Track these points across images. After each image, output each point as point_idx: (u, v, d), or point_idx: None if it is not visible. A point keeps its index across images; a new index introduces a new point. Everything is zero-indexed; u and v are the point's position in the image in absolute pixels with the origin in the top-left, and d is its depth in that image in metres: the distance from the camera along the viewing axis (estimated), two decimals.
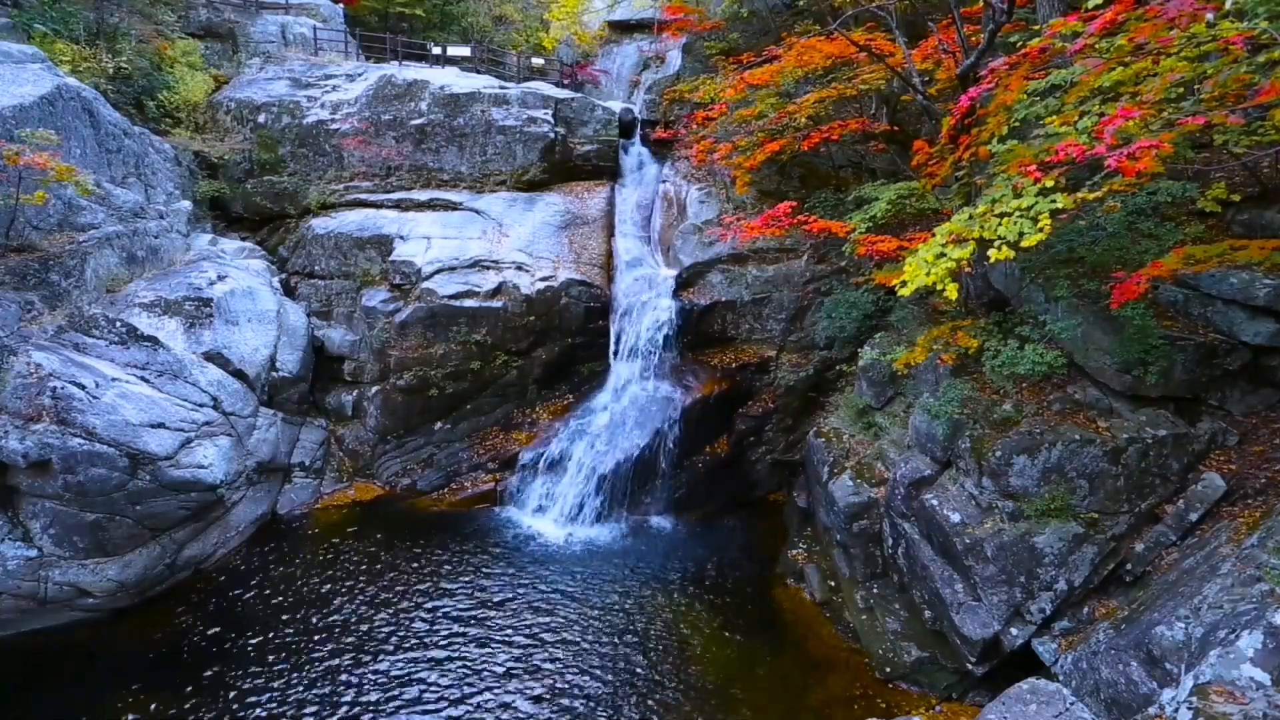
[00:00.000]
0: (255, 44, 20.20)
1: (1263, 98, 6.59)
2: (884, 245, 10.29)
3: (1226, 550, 7.16)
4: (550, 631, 10.24)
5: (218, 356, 12.64)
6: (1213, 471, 8.17)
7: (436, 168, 17.37)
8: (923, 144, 11.26)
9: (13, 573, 9.91)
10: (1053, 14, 10.10)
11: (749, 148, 14.22)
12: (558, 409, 15.05)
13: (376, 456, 14.63)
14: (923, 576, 9.53)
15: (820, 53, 13.45)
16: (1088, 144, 6.66)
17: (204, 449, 11.20)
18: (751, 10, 18.76)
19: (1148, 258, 8.42)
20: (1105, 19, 7.32)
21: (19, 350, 10.46)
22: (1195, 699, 5.46)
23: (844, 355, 13.59)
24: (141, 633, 10.04)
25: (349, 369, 15.24)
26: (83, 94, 13.22)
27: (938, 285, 7.49)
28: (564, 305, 14.81)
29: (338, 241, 15.92)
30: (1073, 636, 8.07)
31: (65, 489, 9.98)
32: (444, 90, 17.26)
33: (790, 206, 11.78)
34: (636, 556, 12.46)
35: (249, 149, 17.16)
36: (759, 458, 14.39)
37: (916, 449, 10.24)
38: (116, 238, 12.67)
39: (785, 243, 14.45)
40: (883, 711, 8.98)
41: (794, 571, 11.88)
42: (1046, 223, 6.95)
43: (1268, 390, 8.51)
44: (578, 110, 17.68)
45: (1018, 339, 9.40)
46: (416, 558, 11.92)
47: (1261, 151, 7.96)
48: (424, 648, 9.82)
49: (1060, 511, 8.38)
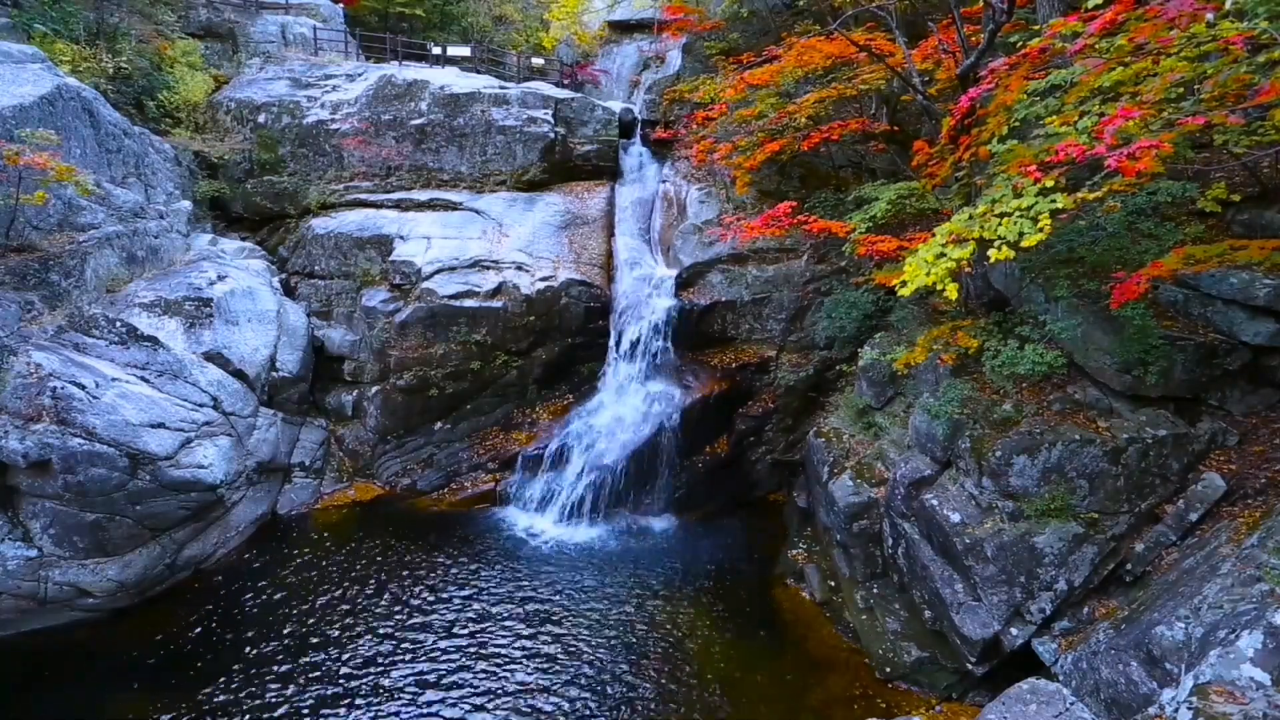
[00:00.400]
0: (255, 44, 20.21)
1: (1263, 98, 6.59)
2: (884, 245, 10.29)
3: (1226, 550, 7.16)
4: (550, 630, 10.25)
5: (218, 356, 12.64)
6: (1213, 471, 8.17)
7: (436, 168, 17.37)
8: (923, 144, 11.26)
9: (13, 573, 9.92)
10: (1053, 14, 10.10)
11: (749, 148, 14.22)
12: (558, 409, 15.05)
13: (376, 456, 14.64)
14: (923, 576, 9.53)
15: (820, 53, 13.45)
16: (1088, 144, 6.66)
17: (204, 449, 11.21)
18: (751, 10, 18.76)
19: (1148, 258, 8.42)
20: (1105, 19, 7.32)
21: (19, 350, 10.47)
22: (1195, 699, 5.46)
23: (844, 355, 13.59)
24: (141, 633, 10.04)
25: (349, 369, 15.24)
26: (83, 94, 13.22)
27: (938, 285, 7.49)
28: (564, 305, 14.81)
29: (338, 241, 15.92)
30: (1073, 636, 8.06)
31: (65, 489, 9.99)
32: (444, 90, 17.26)
33: (790, 206, 11.78)
34: (636, 556, 12.46)
35: (249, 149, 17.16)
36: (759, 458, 14.39)
37: (916, 449, 10.24)
38: (116, 238, 12.67)
39: (785, 243, 14.45)
40: (883, 711, 8.98)
41: (794, 571, 11.88)
42: (1046, 223, 6.95)
43: (1268, 390, 8.51)
44: (578, 110, 17.68)
45: (1018, 339, 9.40)
46: (417, 558, 11.93)
47: (1261, 151, 7.96)
48: (424, 648, 9.81)
49: (1060, 511, 8.38)
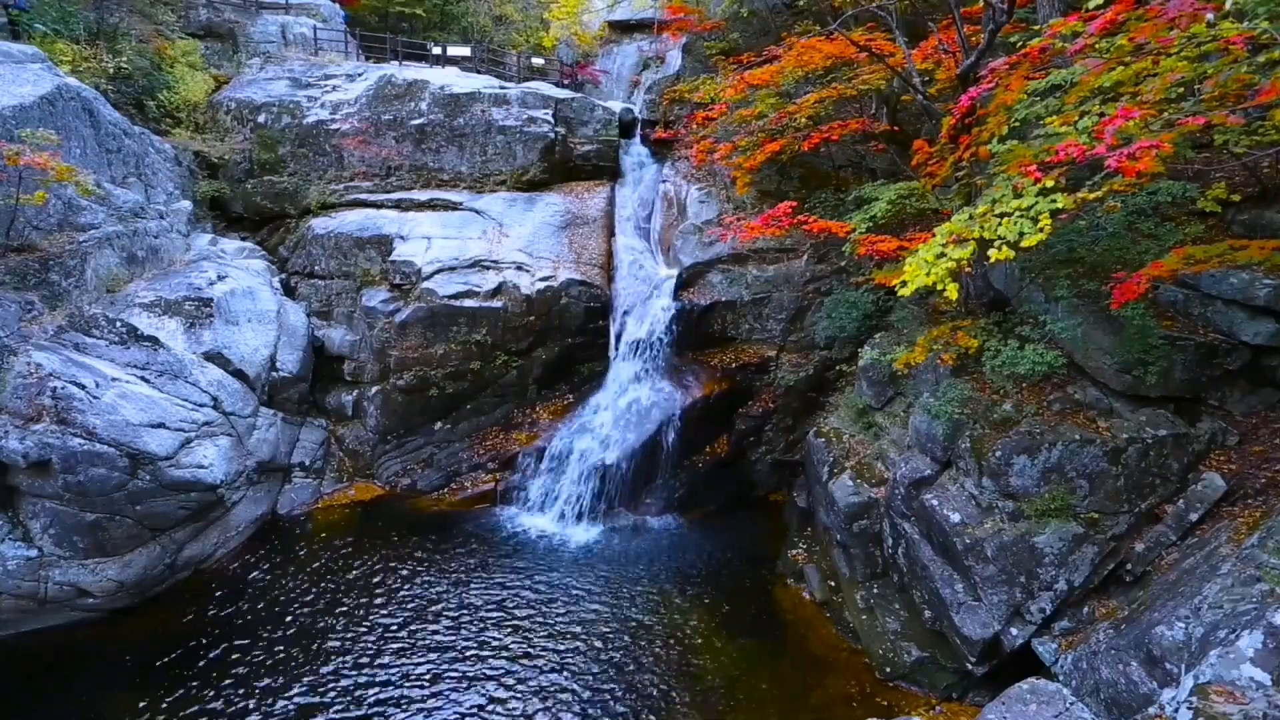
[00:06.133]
0: (255, 44, 20.21)
1: (1263, 98, 6.59)
2: (884, 245, 10.28)
3: (1226, 550, 7.16)
4: (549, 629, 10.25)
5: (218, 356, 12.65)
6: (1213, 471, 8.17)
7: (436, 168, 17.37)
8: (923, 144, 11.25)
9: (13, 573, 9.92)
10: (1053, 14, 10.10)
11: (749, 148, 14.20)
12: (558, 409, 15.05)
13: (376, 456, 14.64)
14: (923, 576, 9.53)
15: (820, 53, 13.44)
16: (1088, 144, 6.65)
17: (204, 449, 11.21)
18: (751, 10, 18.75)
19: (1148, 258, 8.41)
20: (1105, 19, 7.32)
21: (19, 350, 10.47)
22: (1195, 699, 5.46)
23: (844, 355, 13.59)
24: (141, 633, 10.04)
25: (349, 369, 15.25)
26: (83, 94, 13.23)
27: (938, 285, 7.48)
28: (564, 305, 14.81)
29: (338, 241, 15.92)
30: (1073, 636, 8.06)
31: (65, 489, 9.99)
32: (444, 90, 17.26)
33: (790, 206, 11.77)
34: (636, 556, 12.47)
35: (249, 149, 17.17)
36: (759, 458, 14.39)
37: (916, 449, 10.24)
38: (116, 238, 12.67)
39: (785, 243, 14.44)
40: (883, 711, 8.98)
41: (794, 571, 11.88)
42: (1047, 223, 6.95)
43: (1268, 390, 8.50)
44: (578, 110, 17.68)
45: (1018, 339, 9.40)
46: (417, 558, 11.93)
47: (1261, 151, 7.95)
48: (424, 647, 9.82)
49: (1060, 511, 8.37)
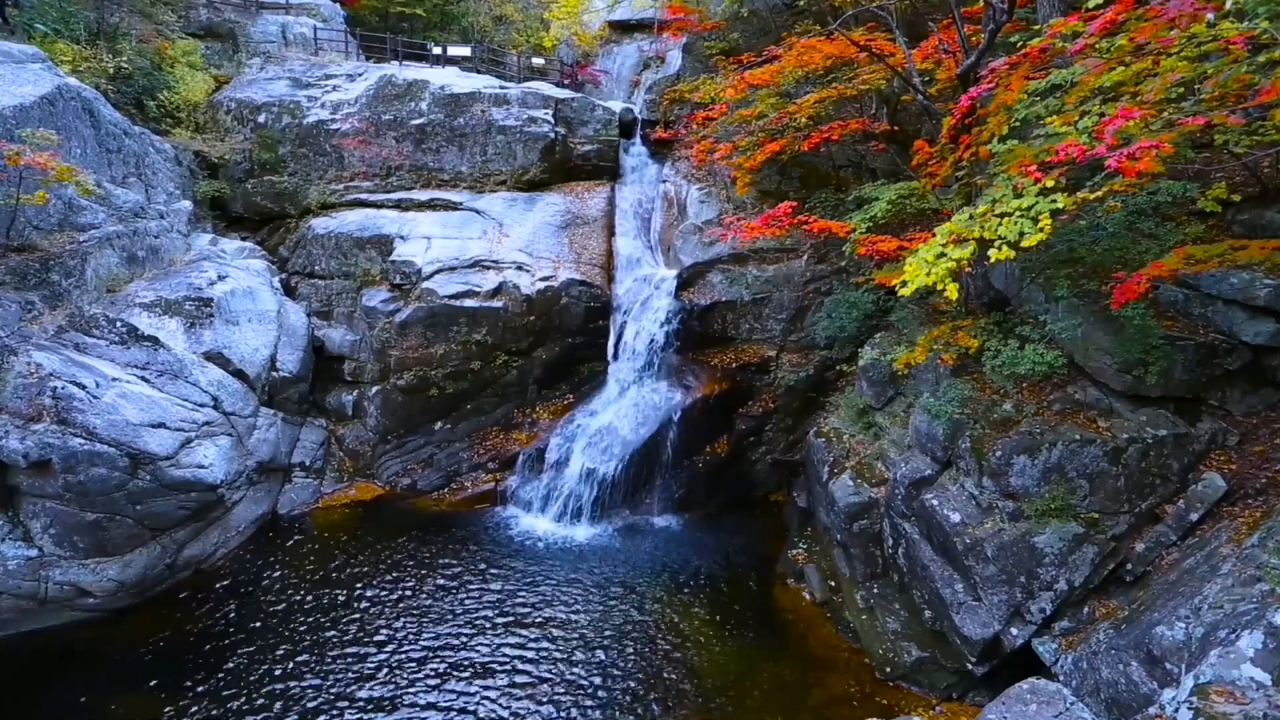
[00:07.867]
0: (255, 44, 20.20)
1: (1263, 98, 6.59)
2: (884, 245, 10.28)
3: (1227, 550, 7.16)
4: (549, 630, 10.24)
5: (218, 356, 12.65)
6: (1213, 471, 8.17)
7: (436, 168, 17.37)
8: (923, 144, 11.25)
9: (13, 573, 9.92)
10: (1053, 14, 10.10)
11: (749, 148, 14.21)
12: (558, 409, 15.05)
13: (377, 456, 14.64)
14: (923, 576, 9.53)
15: (820, 53, 13.45)
16: (1088, 144, 6.66)
17: (204, 449, 11.21)
18: (752, 10, 18.76)
19: (1148, 258, 8.42)
20: (1105, 19, 7.33)
21: (19, 350, 10.47)
22: (1195, 699, 5.46)
23: (844, 355, 13.58)
24: (142, 633, 10.04)
25: (349, 369, 15.25)
26: (83, 94, 13.23)
27: (938, 285, 7.49)
28: (564, 305, 14.81)
29: (338, 241, 15.92)
30: (1073, 636, 8.06)
31: (66, 489, 9.99)
32: (444, 90, 17.26)
33: (790, 206, 11.77)
34: (636, 555, 12.47)
35: (249, 149, 17.16)
36: (759, 458, 14.39)
37: (916, 449, 10.24)
38: (117, 238, 12.67)
39: (785, 243, 14.44)
40: (883, 711, 8.97)
41: (794, 571, 11.88)
42: (1047, 223, 6.95)
43: (1268, 390, 8.50)
44: (578, 110, 17.68)
45: (1018, 339, 9.40)
46: (417, 558, 11.93)
47: (1262, 151, 7.95)
48: (424, 647, 9.81)
49: (1060, 511, 8.37)
